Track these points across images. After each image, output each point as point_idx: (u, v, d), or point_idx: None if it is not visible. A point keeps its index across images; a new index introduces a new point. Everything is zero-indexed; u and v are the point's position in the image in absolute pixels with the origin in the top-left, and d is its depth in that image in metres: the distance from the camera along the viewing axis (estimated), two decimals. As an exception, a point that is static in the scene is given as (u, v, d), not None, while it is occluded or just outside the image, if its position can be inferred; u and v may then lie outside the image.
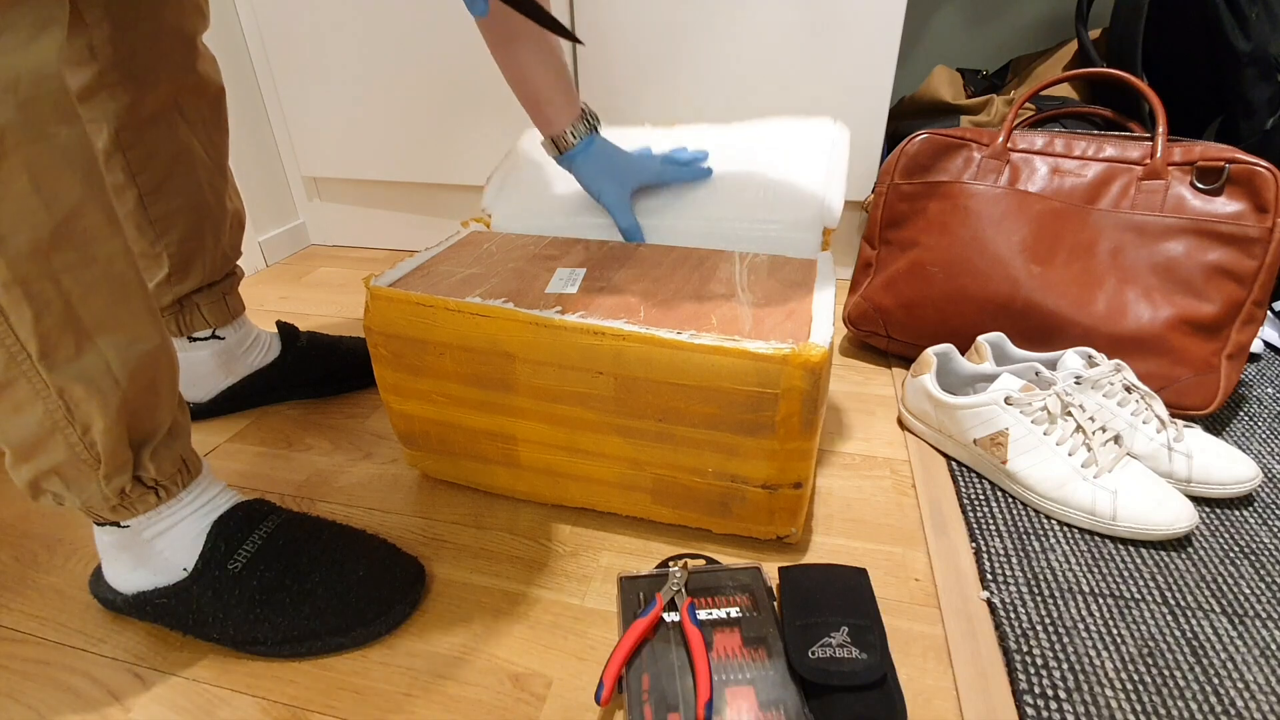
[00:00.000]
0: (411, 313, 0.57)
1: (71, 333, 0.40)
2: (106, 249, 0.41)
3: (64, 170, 0.38)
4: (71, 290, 0.40)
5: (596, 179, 0.70)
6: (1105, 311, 0.74)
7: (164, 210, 0.69)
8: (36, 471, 0.44)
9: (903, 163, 0.83)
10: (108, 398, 0.43)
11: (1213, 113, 0.98)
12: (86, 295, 0.41)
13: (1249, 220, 0.69)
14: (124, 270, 0.43)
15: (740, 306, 0.57)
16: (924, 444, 0.75)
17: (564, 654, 0.52)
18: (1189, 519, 0.58)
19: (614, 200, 0.70)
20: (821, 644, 0.48)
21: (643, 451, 0.57)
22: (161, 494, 0.50)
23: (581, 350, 0.54)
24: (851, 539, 0.62)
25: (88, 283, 0.40)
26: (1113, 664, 0.49)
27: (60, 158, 0.38)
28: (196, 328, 0.76)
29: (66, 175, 0.38)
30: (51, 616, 0.56)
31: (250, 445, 0.78)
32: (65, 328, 0.40)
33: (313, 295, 1.19)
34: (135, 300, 0.44)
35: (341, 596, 0.52)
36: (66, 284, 0.39)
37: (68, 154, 0.38)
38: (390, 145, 1.23)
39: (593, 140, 0.69)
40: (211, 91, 0.70)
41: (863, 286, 0.90)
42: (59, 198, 0.38)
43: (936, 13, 1.27)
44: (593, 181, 0.70)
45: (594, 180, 0.70)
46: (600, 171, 0.70)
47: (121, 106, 0.63)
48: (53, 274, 0.39)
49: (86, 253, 0.40)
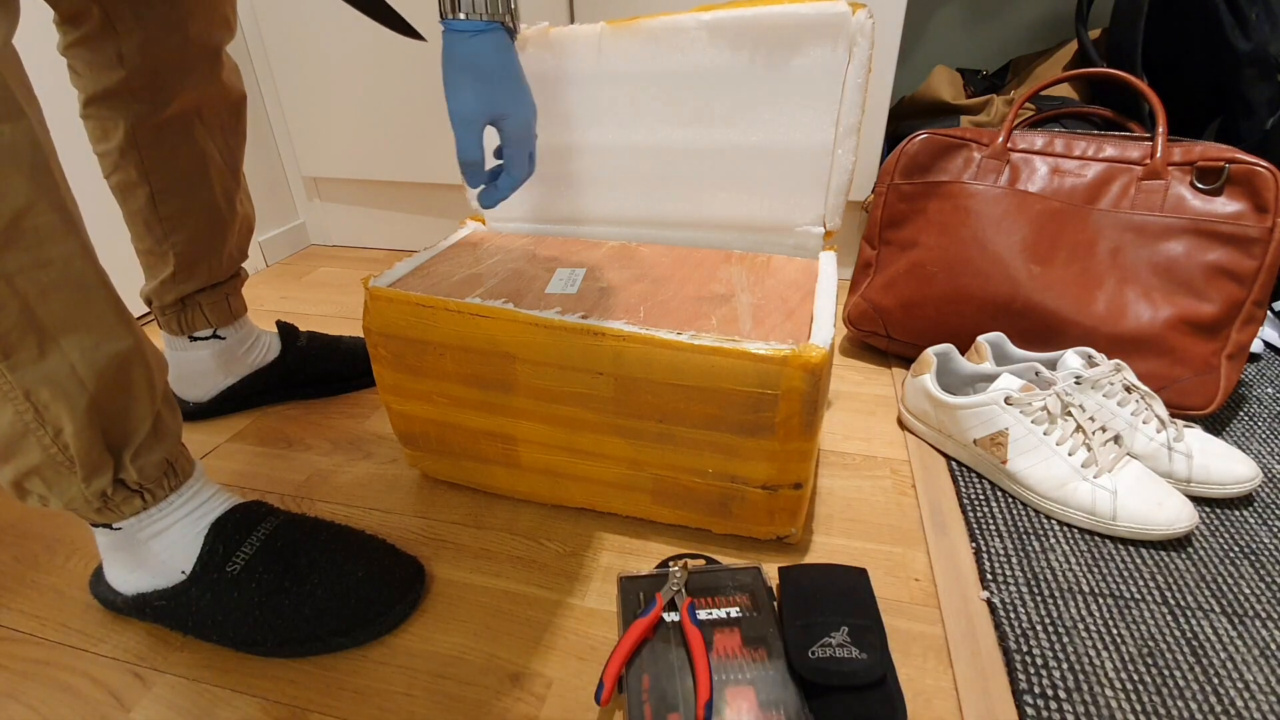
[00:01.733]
0: (411, 313, 0.57)
1: (33, 334, 0.40)
2: (63, 249, 0.41)
3: (8, 169, 0.37)
4: (27, 291, 0.39)
5: (466, 79, 0.53)
6: (1105, 311, 0.74)
7: (174, 210, 0.69)
8: (17, 473, 0.44)
9: (903, 163, 0.83)
10: (74, 400, 0.42)
11: (1213, 113, 0.98)
12: (45, 296, 0.40)
13: (1249, 220, 0.69)
14: (84, 271, 0.42)
15: (740, 307, 0.57)
16: (924, 444, 0.75)
17: (564, 654, 0.52)
18: (1189, 519, 0.58)
19: (469, 120, 0.53)
20: (821, 644, 0.48)
21: (643, 452, 0.57)
22: (147, 498, 0.49)
23: (581, 351, 0.54)
24: (851, 539, 0.62)
25: (44, 284, 0.40)
26: (1113, 664, 0.49)
27: (3, 156, 0.37)
28: (198, 327, 0.76)
29: (11, 174, 0.37)
30: (51, 616, 0.56)
31: (250, 445, 0.78)
32: (26, 329, 0.40)
33: (313, 295, 1.19)
34: (99, 301, 0.43)
35: (341, 597, 0.52)
36: (21, 285, 0.39)
37: (12, 152, 0.37)
38: (390, 145, 1.23)
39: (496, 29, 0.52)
40: (233, 99, 0.70)
41: (863, 286, 0.90)
42: (4, 197, 0.37)
43: (936, 13, 1.27)
44: (459, 79, 0.53)
45: (462, 79, 0.53)
46: (476, 72, 0.53)
47: (142, 109, 0.63)
48: (5, 275, 0.38)
49: (40, 253, 0.39)
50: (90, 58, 0.60)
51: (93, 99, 0.62)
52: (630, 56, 0.65)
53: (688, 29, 0.62)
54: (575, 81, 0.67)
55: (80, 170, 0.65)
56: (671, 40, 0.63)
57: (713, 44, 0.62)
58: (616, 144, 0.69)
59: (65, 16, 0.59)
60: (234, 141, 0.73)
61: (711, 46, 0.63)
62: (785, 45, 0.61)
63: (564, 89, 0.68)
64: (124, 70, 0.61)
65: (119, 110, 0.63)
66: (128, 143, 0.64)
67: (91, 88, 0.62)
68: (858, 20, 0.58)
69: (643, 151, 0.69)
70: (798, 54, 0.61)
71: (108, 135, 0.64)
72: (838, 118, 0.62)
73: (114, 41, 0.59)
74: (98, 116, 0.63)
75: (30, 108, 0.39)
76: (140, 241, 0.71)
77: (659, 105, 0.66)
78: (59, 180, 0.41)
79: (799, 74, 0.62)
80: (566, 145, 0.71)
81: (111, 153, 0.65)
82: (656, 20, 0.63)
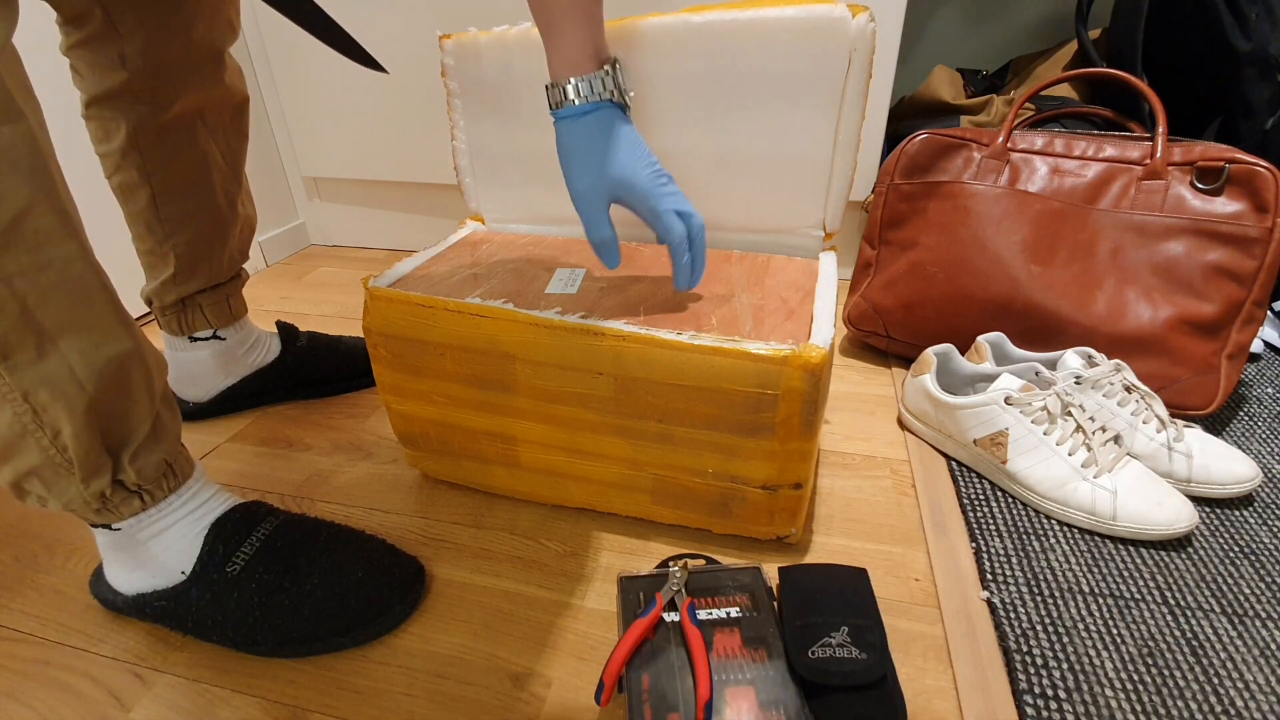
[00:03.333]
0: (411, 314, 0.57)
1: (32, 336, 0.40)
2: (62, 251, 0.41)
3: (6, 171, 0.37)
4: (26, 293, 0.39)
5: (576, 161, 0.53)
6: (1105, 311, 0.74)
7: (175, 211, 0.69)
8: (15, 474, 0.44)
9: (903, 163, 0.83)
10: (73, 402, 0.42)
11: (1213, 113, 0.98)
12: (44, 298, 0.40)
13: (1249, 220, 0.69)
14: (83, 272, 0.42)
15: (740, 307, 0.57)
16: (924, 444, 0.75)
17: (564, 654, 0.52)
18: (1189, 519, 0.58)
19: (587, 198, 0.53)
20: (821, 644, 0.48)
21: (643, 452, 0.57)
22: (145, 499, 0.49)
23: (581, 351, 0.54)
24: (851, 539, 0.62)
25: (44, 286, 0.40)
26: (1113, 664, 0.49)
27: (2, 158, 0.37)
28: (198, 327, 0.76)
29: (10, 176, 0.37)
30: (51, 616, 0.56)
31: (250, 445, 0.78)
32: (24, 331, 0.40)
33: (313, 295, 1.19)
34: (98, 303, 0.43)
35: (341, 598, 0.52)
36: (20, 287, 0.39)
37: (10, 154, 0.37)
38: (390, 145, 1.23)
39: (600, 109, 0.51)
40: (235, 101, 0.71)
41: (863, 286, 0.90)
42: (3, 199, 0.37)
43: (936, 13, 1.27)
44: (570, 161, 0.53)
45: (572, 161, 0.53)
46: (585, 153, 0.52)
47: (145, 110, 0.63)
48: (4, 277, 0.38)
49: (39, 255, 0.39)
50: (92, 59, 0.60)
51: (95, 100, 0.62)
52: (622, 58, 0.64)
53: (675, 30, 0.60)
54: None
55: (82, 170, 0.65)
56: (662, 42, 0.61)
57: (706, 47, 0.61)
58: None
59: (67, 17, 0.59)
60: (236, 143, 0.73)
61: (705, 49, 0.61)
62: (782, 49, 0.59)
63: None
64: (126, 72, 0.61)
65: (121, 111, 0.63)
66: (129, 144, 0.64)
67: (93, 89, 0.62)
68: (858, 24, 0.56)
69: None
70: (795, 59, 0.59)
71: (109, 136, 0.64)
72: (837, 124, 0.61)
73: (116, 43, 0.59)
74: (100, 117, 0.63)
75: (30, 109, 0.39)
76: (141, 242, 0.71)
77: (655, 108, 0.65)
78: (58, 182, 0.41)
79: (797, 79, 0.60)
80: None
81: (113, 154, 0.65)
82: (647, 21, 0.61)
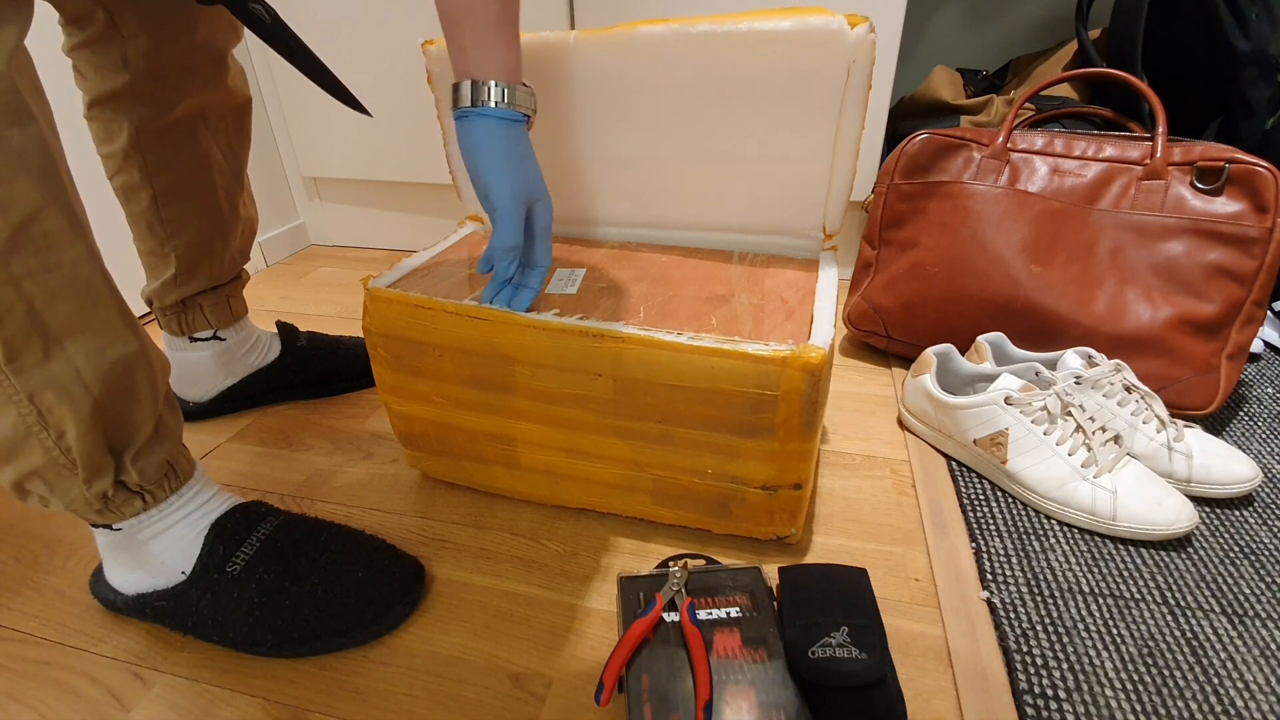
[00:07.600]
0: (410, 315, 0.57)
1: (38, 338, 0.40)
2: (70, 254, 0.41)
3: (17, 174, 0.37)
4: (34, 295, 0.39)
5: (492, 164, 0.50)
6: (1105, 312, 0.74)
7: (177, 212, 0.69)
8: (18, 474, 0.44)
9: (903, 163, 0.83)
10: (78, 404, 0.42)
11: (1213, 113, 0.98)
12: (52, 300, 0.40)
13: (1249, 220, 0.69)
14: (90, 275, 0.42)
15: (740, 307, 0.57)
16: (924, 444, 0.75)
17: (564, 654, 0.52)
18: (1189, 519, 0.58)
19: (517, 200, 0.51)
20: (821, 644, 0.48)
21: (642, 453, 0.57)
22: (147, 499, 0.50)
23: (581, 353, 0.54)
24: (851, 539, 0.62)
25: (52, 288, 0.40)
26: (1113, 664, 0.49)
27: (13, 161, 0.37)
28: (198, 328, 0.76)
29: (21, 179, 0.38)
30: (51, 616, 0.56)
31: (250, 445, 0.78)
32: (31, 333, 0.40)
33: (313, 295, 1.19)
34: (105, 305, 0.43)
35: (341, 598, 0.52)
36: (28, 289, 0.39)
37: (21, 157, 0.37)
38: (390, 145, 1.23)
39: (523, 121, 0.52)
40: (237, 103, 0.71)
41: (863, 286, 0.90)
42: (13, 202, 0.37)
43: (936, 13, 1.27)
44: (486, 164, 0.50)
45: (488, 163, 0.50)
46: (514, 156, 0.51)
47: (147, 112, 0.63)
48: (12, 279, 0.38)
49: (48, 258, 0.40)
50: (95, 60, 0.60)
51: (97, 101, 0.62)
52: (610, 66, 0.62)
53: (672, 40, 0.59)
54: (562, 88, 0.65)
55: (83, 170, 0.65)
56: (660, 51, 0.60)
57: (703, 57, 0.60)
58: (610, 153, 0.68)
59: (70, 18, 0.59)
60: (238, 145, 0.73)
61: (702, 60, 0.60)
62: (779, 61, 0.58)
63: (554, 95, 0.66)
64: (128, 74, 0.61)
65: (123, 113, 0.63)
66: (131, 145, 0.64)
67: (96, 90, 0.62)
68: (857, 36, 0.55)
69: (638, 161, 0.67)
70: (793, 71, 0.58)
71: (112, 137, 0.64)
72: (837, 133, 0.60)
73: (119, 45, 0.59)
74: (102, 118, 0.64)
75: (40, 112, 0.39)
76: (142, 243, 0.71)
77: (652, 114, 0.64)
78: (68, 185, 0.41)
79: (796, 91, 0.59)
80: (565, 151, 0.70)
81: (115, 154, 0.65)
82: (645, 30, 0.60)
